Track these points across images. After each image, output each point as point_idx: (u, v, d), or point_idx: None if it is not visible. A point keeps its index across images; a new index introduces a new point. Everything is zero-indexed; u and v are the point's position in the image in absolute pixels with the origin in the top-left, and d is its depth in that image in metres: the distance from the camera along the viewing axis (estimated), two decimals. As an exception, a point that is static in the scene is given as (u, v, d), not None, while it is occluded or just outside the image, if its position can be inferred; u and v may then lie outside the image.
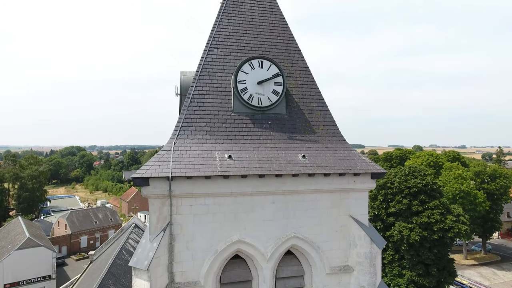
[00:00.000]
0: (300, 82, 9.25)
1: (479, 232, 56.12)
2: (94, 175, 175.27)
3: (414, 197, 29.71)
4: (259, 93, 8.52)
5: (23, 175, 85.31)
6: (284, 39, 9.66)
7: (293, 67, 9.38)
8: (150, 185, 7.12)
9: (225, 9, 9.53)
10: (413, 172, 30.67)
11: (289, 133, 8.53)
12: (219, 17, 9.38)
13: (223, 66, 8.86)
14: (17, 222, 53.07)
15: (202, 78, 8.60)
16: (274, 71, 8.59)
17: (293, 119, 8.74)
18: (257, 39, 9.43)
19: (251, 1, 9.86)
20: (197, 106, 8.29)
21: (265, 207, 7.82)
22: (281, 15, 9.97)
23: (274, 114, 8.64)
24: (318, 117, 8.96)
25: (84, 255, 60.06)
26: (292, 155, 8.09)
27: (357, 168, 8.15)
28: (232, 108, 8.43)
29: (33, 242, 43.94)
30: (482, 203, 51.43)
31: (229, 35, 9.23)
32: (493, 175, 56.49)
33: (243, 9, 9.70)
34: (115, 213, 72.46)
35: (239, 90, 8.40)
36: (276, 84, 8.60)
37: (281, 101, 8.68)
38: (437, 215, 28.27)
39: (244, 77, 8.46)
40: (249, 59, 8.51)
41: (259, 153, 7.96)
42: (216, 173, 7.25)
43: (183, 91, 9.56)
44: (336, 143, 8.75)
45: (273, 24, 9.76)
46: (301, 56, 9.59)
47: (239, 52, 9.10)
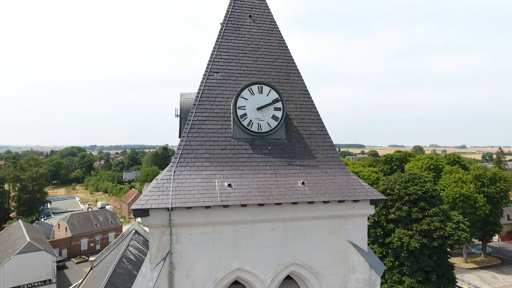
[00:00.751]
0: (300, 105, 9.28)
1: (479, 236, 56.17)
2: (94, 175, 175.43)
3: (414, 204, 29.74)
4: (259, 118, 8.55)
5: (23, 177, 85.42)
6: (283, 61, 9.69)
7: (292, 90, 9.41)
8: (150, 215, 7.15)
9: (225, 32, 9.56)
10: (413, 179, 30.69)
11: (289, 158, 8.56)
12: (218, 40, 9.40)
13: (223, 91, 8.89)
14: (17, 226, 53.15)
15: (202, 104, 8.63)
16: (274, 96, 8.62)
17: (292, 144, 8.77)
18: (257, 62, 9.46)
19: (251, 23, 9.88)
20: (197, 133, 8.32)
21: (265, 234, 7.85)
22: (281, 37, 10.00)
23: (273, 139, 8.67)
24: (317, 141, 8.99)
25: (85, 258, 60.16)
26: (292, 182, 8.12)
27: (356, 194, 8.18)
28: (232, 134, 8.46)
29: (34, 246, 44.02)
30: (482, 207, 51.50)
31: (228, 59, 9.26)
32: (493, 178, 56.54)
33: (242, 31, 9.73)
34: (115, 215, 72.54)
35: (239, 116, 8.43)
36: (276, 109, 8.64)
37: (281, 126, 8.71)
38: (437, 222, 28.31)
39: (244, 102, 8.50)
40: (249, 85, 8.54)
41: (258, 180, 7.99)
42: (216, 203, 7.28)
43: (183, 114, 9.60)
44: (336, 168, 8.78)
45: (272, 47, 9.78)
46: (301, 79, 9.62)
47: (238, 76, 9.12)
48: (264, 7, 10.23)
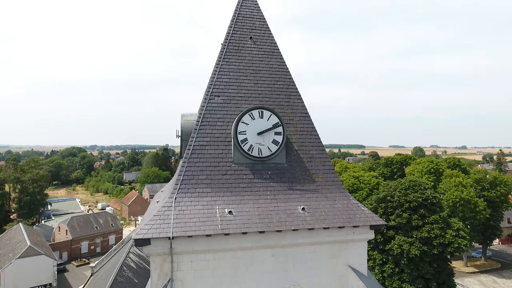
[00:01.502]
0: (300, 128, 9.32)
1: (479, 239, 56.16)
2: (94, 176, 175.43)
3: (414, 211, 29.76)
4: (259, 143, 8.59)
5: (24, 178, 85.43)
6: (284, 84, 9.73)
7: (293, 113, 9.45)
8: (151, 244, 7.20)
9: (226, 54, 9.60)
10: (413, 186, 30.71)
11: (289, 183, 8.60)
12: (219, 63, 9.45)
13: (224, 114, 8.94)
14: (18, 229, 53.20)
15: (203, 128, 8.68)
16: (274, 121, 8.67)
17: (293, 168, 8.82)
18: (258, 85, 9.50)
19: (251, 45, 9.93)
20: (197, 158, 8.37)
21: (265, 261, 7.90)
22: (281, 58, 10.04)
23: (274, 163, 8.72)
24: (317, 165, 9.04)
25: (85, 260, 60.19)
26: (292, 207, 8.17)
27: (356, 220, 8.23)
28: (233, 158, 8.51)
29: (34, 250, 44.07)
30: (483, 211, 51.49)
31: (229, 82, 9.31)
32: (493, 182, 56.50)
33: (243, 53, 9.77)
34: (116, 218, 72.57)
35: (240, 141, 8.48)
36: (276, 134, 8.68)
37: (281, 150, 8.76)
38: (437, 230, 28.33)
39: (244, 127, 8.54)
40: (249, 110, 8.59)
41: (259, 206, 8.04)
42: (216, 231, 7.33)
43: (184, 136, 9.63)
44: (336, 192, 8.82)
45: (273, 69, 9.82)
46: (301, 101, 9.66)
47: (239, 100, 9.17)
48: (265, 28, 10.27)
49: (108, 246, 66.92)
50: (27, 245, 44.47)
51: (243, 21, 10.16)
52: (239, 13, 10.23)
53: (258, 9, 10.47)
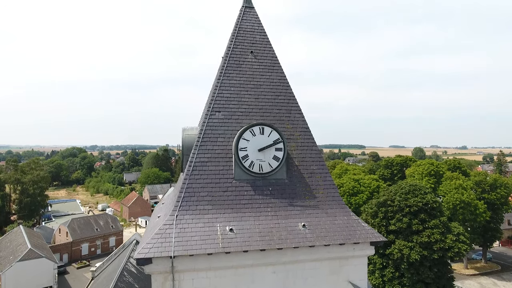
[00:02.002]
0: (301, 144, 9.36)
1: (480, 242, 56.18)
2: (95, 177, 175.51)
3: (414, 215, 29.79)
4: (260, 159, 8.63)
5: (24, 180, 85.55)
6: (285, 98, 9.76)
7: (293, 128, 9.48)
8: (153, 263, 7.24)
9: (227, 69, 9.63)
10: (414, 190, 30.74)
11: (290, 199, 8.64)
12: (220, 78, 9.48)
13: (225, 130, 8.97)
14: (18, 231, 53.26)
15: (204, 144, 8.71)
16: (275, 137, 8.71)
17: (293, 183, 8.85)
18: (258, 100, 9.53)
19: (252, 59, 9.96)
20: (198, 174, 8.40)
21: (266, 278, 7.93)
22: (282, 73, 10.07)
23: (274, 179, 8.75)
24: (318, 180, 9.07)
25: (85, 262, 60.28)
26: (292, 224, 8.20)
27: (356, 237, 8.26)
28: (234, 175, 8.54)
29: (35, 253, 44.11)
30: (483, 214, 51.50)
31: (230, 97, 9.34)
32: (493, 184, 56.51)
33: (244, 68, 9.80)
34: (116, 219, 72.61)
35: (240, 158, 8.51)
36: (277, 150, 8.72)
37: (282, 166, 8.79)
38: (437, 235, 28.36)
39: (245, 144, 8.58)
40: (250, 126, 8.63)
41: (259, 223, 8.08)
42: (217, 250, 7.37)
43: (185, 151, 9.65)
44: (336, 207, 8.85)
45: (274, 83, 9.86)
46: (302, 116, 9.69)
47: (240, 115, 9.20)
48: (266, 42, 10.31)
49: (109, 248, 67.02)
50: (27, 248, 44.51)
51: (243, 35, 10.19)
52: (240, 26, 10.27)
53: (259, 23, 10.50)
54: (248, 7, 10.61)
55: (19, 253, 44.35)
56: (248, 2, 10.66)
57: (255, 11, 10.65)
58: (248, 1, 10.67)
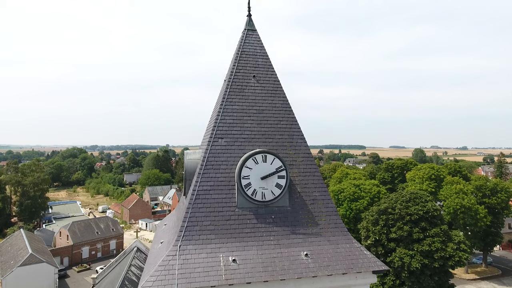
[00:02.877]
0: (303, 170, 9.38)
1: (480, 246, 56.20)
2: (95, 177, 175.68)
3: (415, 224, 29.80)
4: (263, 187, 8.65)
5: (25, 182, 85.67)
6: (287, 123, 9.78)
7: (296, 153, 9.50)
8: (156, 295, 7.26)
9: (229, 95, 9.65)
10: (414, 198, 30.75)
11: (292, 226, 8.66)
12: (223, 104, 9.50)
13: (227, 157, 8.99)
14: (19, 235, 53.37)
15: (207, 172, 8.73)
16: (278, 165, 8.73)
17: (296, 211, 8.87)
18: (261, 125, 9.55)
19: (255, 84, 9.98)
20: (202, 203, 8.42)
21: (269, 308, 7.95)
22: (284, 97, 10.09)
23: (277, 207, 8.77)
24: (320, 207, 9.09)
25: (86, 266, 60.35)
26: (295, 253, 8.22)
27: (358, 266, 8.29)
28: (236, 203, 8.57)
29: (36, 258, 44.19)
30: (483, 218, 51.50)
31: (233, 123, 9.36)
32: (494, 189, 56.50)
33: (246, 93, 9.82)
34: (117, 222, 72.67)
35: (243, 186, 8.53)
36: (280, 178, 8.74)
37: (284, 193, 8.81)
38: (438, 243, 28.37)
39: (248, 172, 8.60)
40: (253, 154, 8.65)
41: (262, 252, 8.10)
42: (221, 282, 7.39)
43: (187, 175, 9.70)
44: (338, 234, 8.88)
45: (276, 108, 9.88)
46: (304, 141, 9.71)
47: (243, 142, 9.22)
48: (268, 65, 10.33)
49: (109, 251, 67.16)
50: (28, 252, 44.59)
51: (246, 59, 10.21)
52: (243, 50, 10.29)
53: (261, 46, 10.52)
54: (251, 30, 10.63)
55: (20, 258, 44.43)
56: (251, 25, 10.68)
57: (257, 34, 10.67)
58: (251, 24, 10.70)
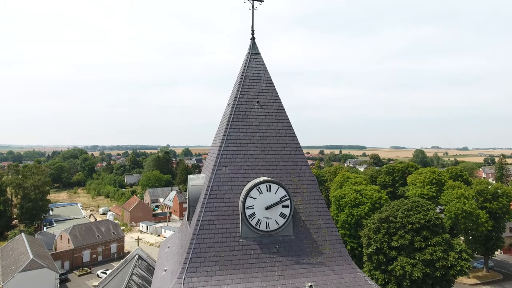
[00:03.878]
0: (307, 197, 9.35)
1: (481, 251, 56.14)
2: (96, 178, 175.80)
3: (416, 232, 29.76)
4: (267, 217, 8.63)
5: (26, 185, 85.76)
6: (291, 149, 9.75)
7: (300, 181, 9.48)
8: (160, 331, 7.25)
9: (233, 121, 9.63)
10: (416, 207, 30.71)
11: (296, 256, 8.63)
12: (227, 131, 9.47)
13: (231, 186, 8.96)
14: (20, 239, 53.41)
15: (211, 202, 8.71)
16: (282, 194, 8.70)
17: (300, 240, 8.85)
18: (265, 152, 9.52)
19: (258, 109, 9.95)
20: (206, 234, 8.40)
21: None
22: (288, 122, 10.06)
23: (281, 236, 8.75)
24: (324, 235, 9.06)
25: (87, 270, 60.37)
26: (299, 285, 8.19)
27: (363, 297, 8.26)
28: (240, 233, 8.54)
29: (37, 263, 44.20)
30: (485, 223, 51.43)
31: (236, 151, 9.33)
32: (495, 193, 56.40)
33: (250, 119, 9.80)
34: (117, 226, 72.64)
35: (247, 216, 8.51)
36: (284, 207, 8.71)
37: (289, 222, 8.79)
38: (440, 252, 28.33)
39: (252, 202, 8.58)
40: (257, 184, 8.62)
41: (267, 284, 8.08)
42: (225, 317, 7.37)
43: (191, 202, 9.68)
44: (343, 263, 8.85)
45: (280, 134, 9.85)
46: (308, 168, 9.69)
47: (247, 169, 9.19)
48: (272, 91, 10.30)
49: (110, 254, 67.19)
50: (29, 258, 44.60)
51: (250, 83, 10.19)
52: (246, 74, 10.27)
53: (265, 70, 10.50)
54: (254, 54, 10.61)
55: (21, 263, 44.45)
56: (254, 48, 10.66)
57: (261, 58, 10.65)
58: (254, 48, 10.68)
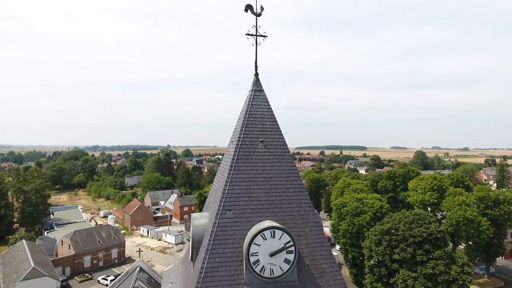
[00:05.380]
0: (311, 240, 9.29)
1: (483, 258, 56.05)
2: (97, 180, 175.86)
3: (418, 246, 29.69)
4: (271, 263, 8.56)
5: (27, 189, 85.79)
6: (295, 191, 9.69)
7: (304, 223, 9.42)
8: None
9: (237, 162, 9.57)
10: (418, 219, 30.64)
11: (301, 303, 8.58)
12: (230, 172, 9.41)
13: (235, 230, 8.91)
14: (21, 246, 53.42)
15: (215, 248, 8.65)
16: (286, 240, 8.64)
17: (304, 285, 8.78)
18: (269, 194, 9.46)
19: (262, 149, 9.89)
20: (210, 282, 8.34)
21: None
22: (292, 162, 10.01)
23: (285, 282, 8.68)
24: (329, 279, 9.01)
25: (88, 276, 60.37)
26: (304, 334, 8.15)
27: None
28: (245, 280, 8.49)
29: (38, 272, 44.19)
30: (486, 230, 51.34)
31: (240, 193, 9.27)
32: (496, 200, 56.28)
33: (254, 159, 9.73)
34: (118, 231, 72.59)
35: (251, 263, 8.45)
36: (288, 252, 8.65)
37: (293, 268, 8.73)
38: (442, 266, 28.25)
39: (256, 249, 8.51)
40: (261, 231, 8.56)
41: (271, 334, 8.03)
42: None
43: (194, 244, 9.62)
44: (347, 309, 8.80)
45: (284, 175, 9.78)
46: (312, 209, 9.63)
47: (251, 213, 9.14)
48: (276, 129, 10.24)
49: (111, 260, 67.18)
50: (31, 266, 44.59)
51: (253, 122, 10.12)
52: (250, 113, 10.20)
53: (268, 108, 10.44)
54: (258, 91, 10.55)
55: (22, 271, 44.44)
56: (258, 85, 10.60)
57: (264, 95, 10.59)
58: (258, 84, 10.61)
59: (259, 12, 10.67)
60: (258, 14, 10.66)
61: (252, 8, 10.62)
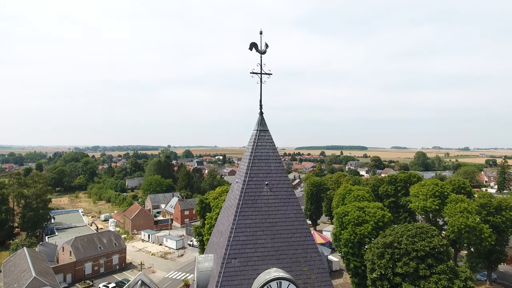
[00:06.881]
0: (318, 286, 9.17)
1: (484, 265, 55.91)
2: (97, 182, 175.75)
3: (421, 260, 29.57)
4: (278, 315, 8.44)
5: (27, 193, 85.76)
6: (301, 235, 9.56)
7: (310, 270, 9.29)
8: None
9: (242, 207, 9.43)
10: (421, 233, 30.51)
11: None
12: (235, 219, 9.28)
13: (241, 280, 8.78)
14: (22, 254, 53.32)
15: (220, 300, 8.52)
16: (293, 290, 8.52)
17: (311, 336, 8.67)
18: (274, 240, 9.33)
19: (267, 192, 9.76)
20: (215, 335, 8.23)
21: None
22: (298, 205, 9.87)
23: (292, 333, 8.56)
24: (336, 329, 8.89)
25: (89, 283, 60.35)
26: None
27: None
28: (251, 333, 8.37)
29: (39, 281, 44.07)
30: (488, 238, 51.20)
31: (246, 240, 9.14)
32: (498, 207, 56.10)
33: (259, 204, 9.60)
34: (119, 236, 72.52)
35: (258, 316, 8.33)
36: (295, 303, 8.53)
37: (300, 319, 8.61)
38: (445, 281, 28.14)
39: (263, 301, 8.39)
40: (267, 282, 8.44)
41: None
42: None
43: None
44: None
45: (289, 219, 9.65)
46: (318, 254, 9.50)
47: (256, 261, 9.01)
48: (281, 170, 10.11)
49: (112, 266, 67.14)
50: (32, 276, 44.47)
51: (258, 164, 9.99)
52: (255, 155, 10.07)
53: (274, 148, 10.31)
54: (263, 131, 10.42)
55: (23, 281, 44.33)
56: (263, 124, 10.47)
57: (269, 135, 10.45)
58: (263, 124, 10.48)
59: (264, 50, 10.54)
60: (263, 51, 10.53)
61: (256, 46, 10.49)
